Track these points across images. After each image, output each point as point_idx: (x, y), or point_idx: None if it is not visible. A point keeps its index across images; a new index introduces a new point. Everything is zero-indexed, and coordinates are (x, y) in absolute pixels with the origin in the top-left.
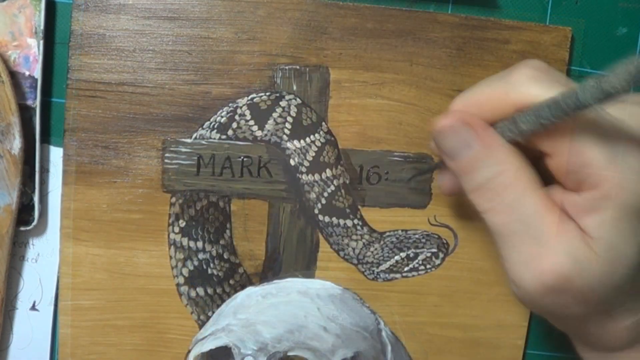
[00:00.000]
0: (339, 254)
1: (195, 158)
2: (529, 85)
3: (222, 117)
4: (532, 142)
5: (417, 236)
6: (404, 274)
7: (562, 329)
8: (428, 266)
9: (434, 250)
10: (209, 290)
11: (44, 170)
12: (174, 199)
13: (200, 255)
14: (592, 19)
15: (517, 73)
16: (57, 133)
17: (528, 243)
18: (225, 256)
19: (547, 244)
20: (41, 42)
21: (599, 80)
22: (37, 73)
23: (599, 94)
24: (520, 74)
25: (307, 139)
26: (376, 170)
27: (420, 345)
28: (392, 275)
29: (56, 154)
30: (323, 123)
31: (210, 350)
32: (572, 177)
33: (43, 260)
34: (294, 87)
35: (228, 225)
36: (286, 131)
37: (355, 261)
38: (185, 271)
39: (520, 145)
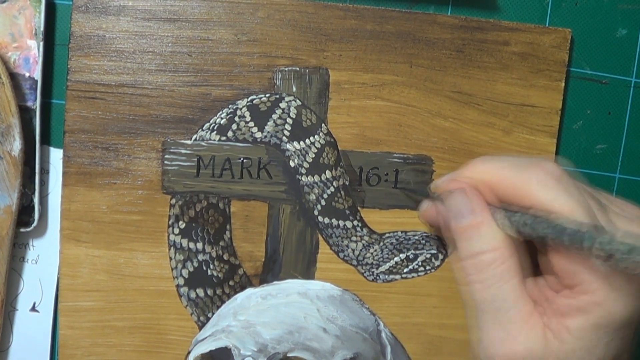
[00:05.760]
0: (338, 255)
1: (195, 159)
2: (540, 189)
3: (222, 118)
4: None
5: (416, 237)
6: (404, 275)
7: None
8: (427, 267)
9: (434, 251)
10: (209, 292)
11: (44, 172)
12: (173, 201)
13: (200, 257)
14: (591, 21)
15: (534, 169)
16: (57, 134)
17: (494, 326)
18: (225, 257)
19: (510, 332)
20: (41, 43)
21: (608, 242)
22: (37, 74)
23: (603, 255)
24: (535, 173)
25: (307, 141)
26: (376, 172)
27: (420, 347)
28: (391, 276)
29: (56, 155)
30: (323, 124)
31: (210, 351)
32: (562, 282)
33: (43, 261)
34: (294, 89)
35: (228, 227)
36: (286, 132)
37: (354, 262)
38: (185, 272)
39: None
